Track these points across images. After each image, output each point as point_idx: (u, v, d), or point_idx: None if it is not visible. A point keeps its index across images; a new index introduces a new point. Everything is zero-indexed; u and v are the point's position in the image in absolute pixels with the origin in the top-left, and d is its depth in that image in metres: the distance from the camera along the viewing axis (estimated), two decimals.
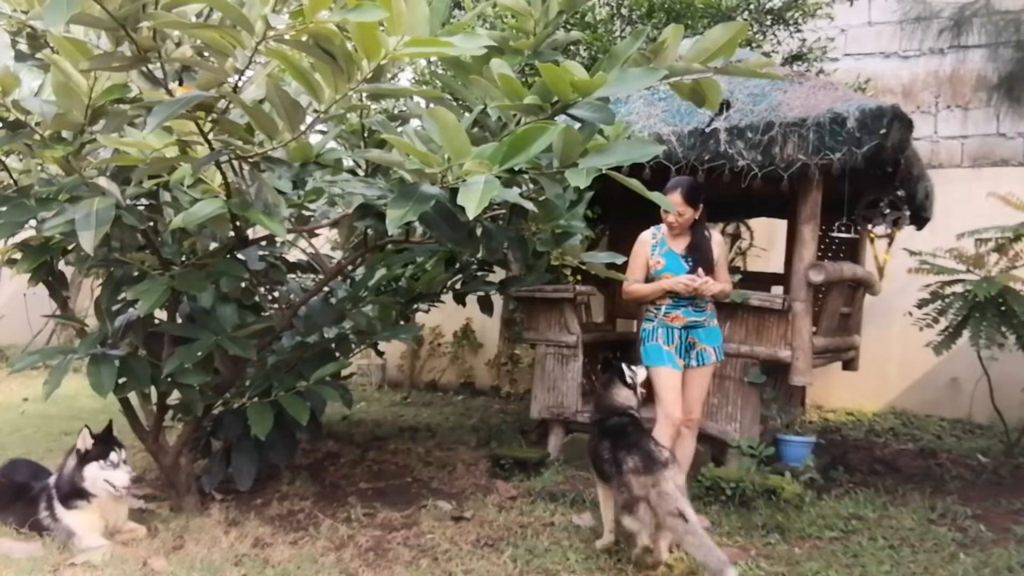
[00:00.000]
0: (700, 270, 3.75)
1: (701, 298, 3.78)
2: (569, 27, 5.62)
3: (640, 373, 3.67)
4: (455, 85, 3.16)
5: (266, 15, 2.13)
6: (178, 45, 2.59)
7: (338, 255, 4.43)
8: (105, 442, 3.21)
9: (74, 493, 3.20)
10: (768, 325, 4.43)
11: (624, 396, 3.53)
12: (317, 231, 3.86)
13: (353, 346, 4.19)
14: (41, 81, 3.01)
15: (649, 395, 3.77)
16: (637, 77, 2.47)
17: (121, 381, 3.38)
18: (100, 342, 3.42)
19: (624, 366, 3.61)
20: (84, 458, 3.18)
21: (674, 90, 2.67)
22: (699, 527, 2.95)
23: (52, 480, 3.32)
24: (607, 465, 3.26)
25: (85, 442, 3.20)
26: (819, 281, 4.36)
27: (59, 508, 3.22)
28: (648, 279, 3.86)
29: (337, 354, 4.06)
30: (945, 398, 6.81)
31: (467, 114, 3.20)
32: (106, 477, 3.16)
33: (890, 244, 6.12)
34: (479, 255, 3.83)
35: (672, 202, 3.64)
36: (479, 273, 4.36)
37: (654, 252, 3.84)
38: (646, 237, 3.90)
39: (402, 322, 4.41)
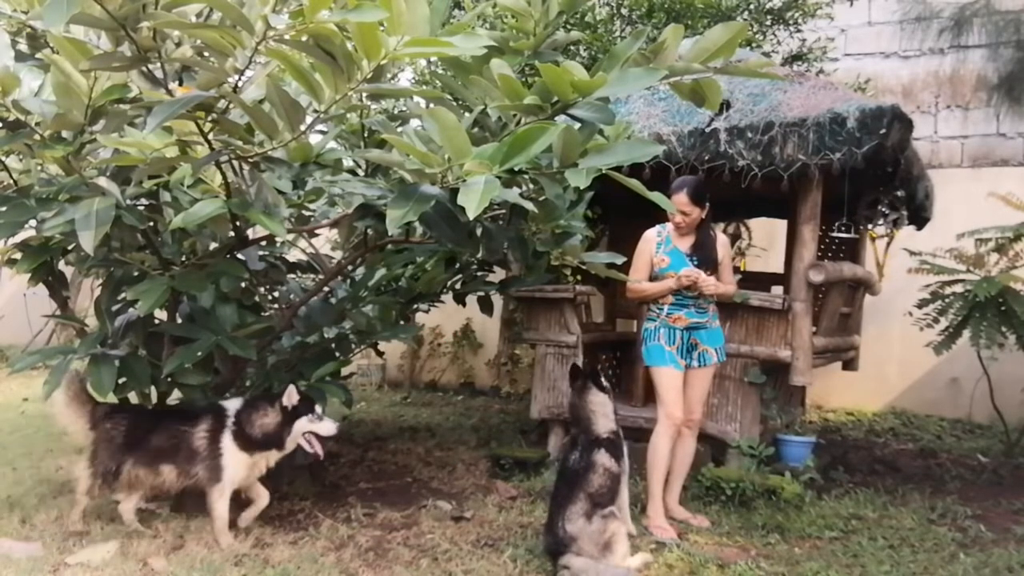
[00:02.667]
0: (698, 270, 3.75)
1: (703, 298, 3.78)
2: (569, 27, 5.62)
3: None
4: (455, 85, 3.16)
5: (266, 15, 2.13)
6: (178, 45, 2.59)
7: (338, 255, 4.43)
8: (305, 400, 3.38)
9: (263, 440, 3.33)
10: (768, 325, 4.43)
11: (599, 402, 3.38)
12: (317, 231, 3.86)
13: (353, 346, 4.19)
14: (41, 81, 3.01)
15: (650, 395, 3.77)
16: (637, 77, 2.47)
17: (121, 381, 3.39)
18: (100, 342, 3.42)
19: (598, 369, 3.46)
20: (292, 413, 3.32)
21: (674, 90, 2.67)
22: None
23: (232, 410, 3.37)
24: None
25: (291, 399, 3.32)
26: (819, 281, 4.36)
27: (228, 443, 3.31)
28: (652, 278, 3.86)
29: (337, 354, 4.06)
30: (945, 398, 6.81)
31: (467, 114, 3.20)
32: (314, 428, 3.37)
33: (888, 244, 6.12)
34: (479, 255, 3.82)
35: (678, 203, 3.64)
36: (479, 273, 4.36)
37: (659, 250, 3.84)
38: (651, 235, 3.90)
39: (402, 322, 4.41)
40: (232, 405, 3.41)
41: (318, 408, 3.40)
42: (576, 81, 2.39)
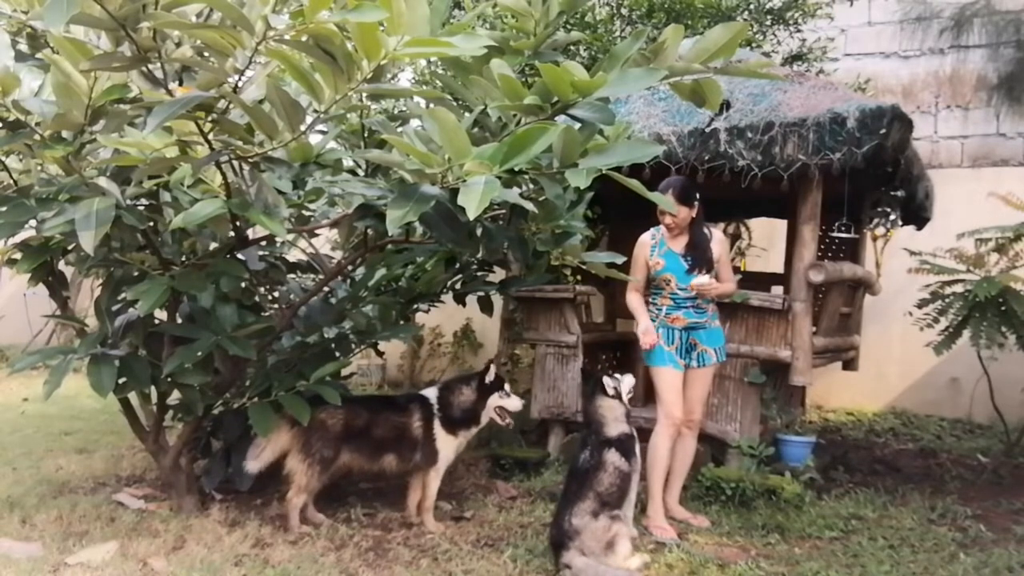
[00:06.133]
0: (701, 270, 3.75)
1: (702, 298, 3.78)
2: (569, 27, 5.61)
3: (626, 381, 3.53)
4: (455, 85, 3.16)
5: (266, 15, 2.13)
6: (178, 45, 2.59)
7: (338, 255, 4.43)
8: (496, 378, 3.75)
9: (465, 419, 3.68)
10: (768, 325, 4.43)
11: (608, 407, 3.41)
12: (317, 231, 3.86)
13: (353, 346, 4.19)
14: (41, 81, 3.01)
15: (650, 395, 3.77)
16: (637, 77, 2.47)
17: (121, 381, 3.39)
18: (100, 342, 3.42)
19: (605, 377, 3.49)
20: (487, 389, 3.68)
21: (674, 90, 2.67)
22: None
23: (433, 398, 3.72)
24: None
25: (490, 376, 3.69)
26: (819, 281, 4.36)
27: (439, 429, 3.66)
28: (649, 280, 3.86)
29: (337, 354, 4.06)
30: (945, 398, 6.81)
31: (467, 114, 3.20)
32: (504, 404, 3.72)
33: (885, 244, 6.12)
34: (479, 255, 3.82)
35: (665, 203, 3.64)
36: (479, 273, 4.36)
37: (653, 253, 3.84)
38: (645, 239, 3.90)
39: (402, 322, 4.42)
40: (432, 393, 3.75)
41: (507, 386, 3.77)
42: (576, 81, 2.39)
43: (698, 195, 3.78)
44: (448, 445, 3.69)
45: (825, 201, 4.48)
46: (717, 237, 3.92)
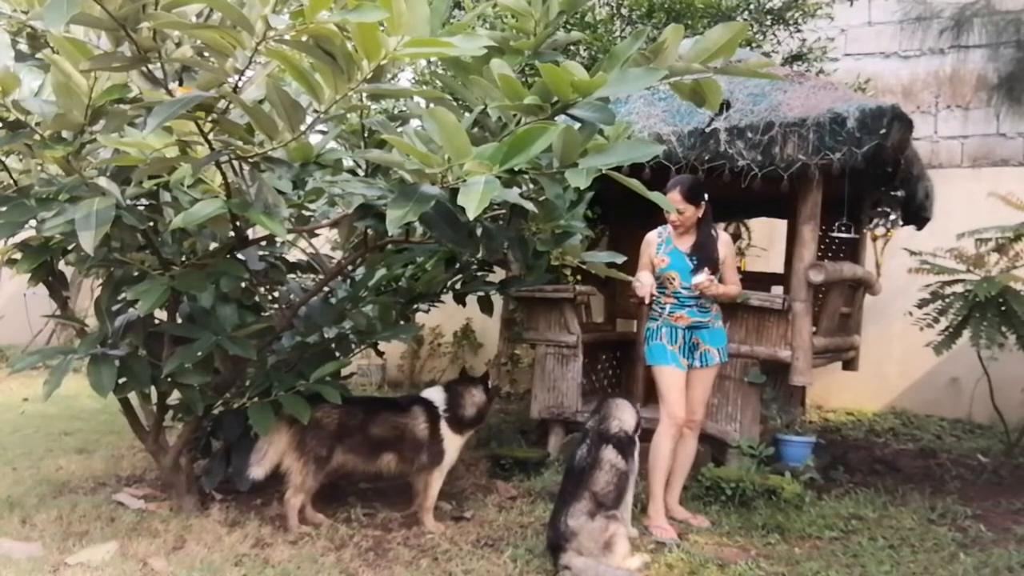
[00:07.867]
0: (706, 269, 3.74)
1: (705, 298, 3.78)
2: (569, 27, 5.61)
3: None
4: (455, 85, 3.16)
5: (266, 15, 2.13)
6: (178, 45, 2.59)
7: (338, 255, 4.43)
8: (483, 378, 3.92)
9: (474, 419, 3.77)
10: (768, 325, 4.43)
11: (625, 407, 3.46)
12: (317, 231, 3.86)
13: (353, 346, 4.19)
14: (41, 81, 3.01)
15: (650, 395, 3.77)
16: (637, 77, 2.47)
17: (121, 381, 3.39)
18: (100, 342, 3.42)
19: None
20: (495, 390, 3.93)
21: (674, 90, 2.67)
22: None
23: (438, 399, 3.76)
24: None
25: (492, 381, 3.89)
26: (819, 281, 4.36)
27: (446, 429, 3.70)
28: (654, 278, 3.86)
29: (337, 354, 4.06)
30: (945, 398, 6.81)
31: (467, 114, 3.19)
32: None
33: (885, 244, 6.11)
34: (479, 255, 3.82)
35: (672, 200, 3.63)
36: (479, 273, 4.36)
37: (659, 251, 3.84)
38: (652, 237, 3.91)
39: (402, 322, 4.42)
40: (438, 395, 3.80)
41: (489, 382, 3.90)
42: (576, 81, 2.39)
43: (706, 195, 3.78)
44: (454, 445, 3.74)
45: (825, 201, 4.48)
46: (723, 239, 3.91)
